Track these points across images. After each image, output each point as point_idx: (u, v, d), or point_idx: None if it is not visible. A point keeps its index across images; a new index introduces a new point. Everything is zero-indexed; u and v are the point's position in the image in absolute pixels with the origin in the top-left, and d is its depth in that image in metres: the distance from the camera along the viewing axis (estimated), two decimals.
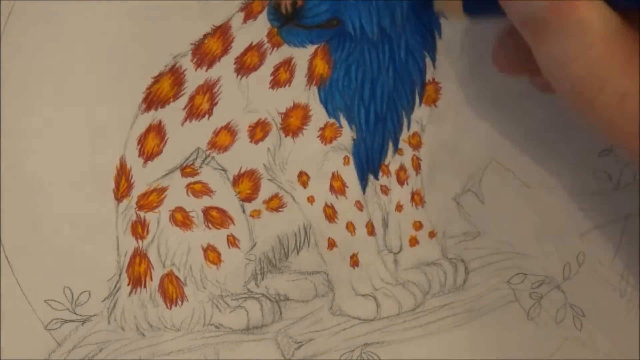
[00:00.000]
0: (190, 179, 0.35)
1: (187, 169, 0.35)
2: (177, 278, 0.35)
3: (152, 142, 0.34)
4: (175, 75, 0.34)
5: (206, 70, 0.34)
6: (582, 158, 0.37)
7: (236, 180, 0.35)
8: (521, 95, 0.36)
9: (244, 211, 0.35)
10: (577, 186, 0.37)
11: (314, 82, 0.34)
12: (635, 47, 0.29)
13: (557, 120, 0.36)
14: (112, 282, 0.35)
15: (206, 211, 0.35)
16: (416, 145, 0.36)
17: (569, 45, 0.29)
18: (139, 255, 0.35)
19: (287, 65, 0.34)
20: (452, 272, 0.37)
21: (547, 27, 0.29)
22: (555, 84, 0.30)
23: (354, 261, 0.36)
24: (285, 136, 0.35)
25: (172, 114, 0.34)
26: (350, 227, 0.36)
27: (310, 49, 0.34)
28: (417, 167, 0.36)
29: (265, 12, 0.34)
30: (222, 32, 0.34)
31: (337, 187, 0.36)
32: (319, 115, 0.35)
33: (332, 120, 0.35)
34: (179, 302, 0.35)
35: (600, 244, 0.38)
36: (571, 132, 0.36)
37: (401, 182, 0.36)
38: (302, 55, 0.34)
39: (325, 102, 0.35)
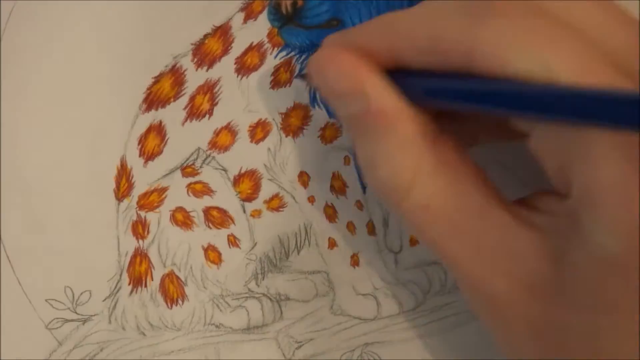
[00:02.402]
0: (190, 179, 0.35)
1: (187, 169, 0.35)
2: (177, 278, 0.35)
3: (152, 142, 0.34)
4: (175, 75, 0.34)
5: (207, 70, 0.34)
6: None
7: (237, 180, 0.35)
8: None
9: (244, 211, 0.35)
10: None
11: None
12: (446, 155, 0.28)
13: None
14: (113, 282, 0.35)
15: (207, 211, 0.35)
16: None
17: (376, 149, 0.29)
18: (140, 255, 0.35)
19: (288, 65, 0.34)
20: None
21: (359, 129, 0.29)
22: (369, 184, 0.30)
23: (355, 261, 0.36)
24: (286, 136, 0.35)
25: (172, 114, 0.34)
26: (350, 226, 0.36)
27: (311, 49, 0.34)
28: None
29: (265, 12, 0.34)
30: (223, 32, 0.34)
31: (338, 187, 0.36)
32: (319, 115, 0.35)
33: (332, 121, 0.35)
34: (180, 302, 0.35)
35: None
36: None
37: None
38: (302, 55, 0.34)
39: (325, 102, 0.35)
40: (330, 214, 0.36)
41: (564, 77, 0.24)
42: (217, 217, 0.35)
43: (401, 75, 0.29)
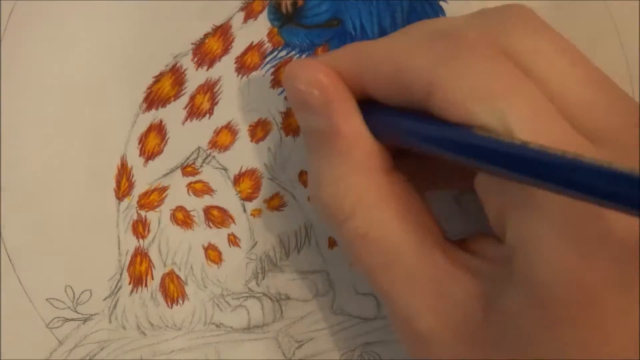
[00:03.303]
0: (191, 178, 0.35)
1: (188, 168, 0.35)
2: (178, 277, 0.35)
3: (153, 141, 0.34)
4: (176, 74, 0.34)
5: (207, 69, 0.34)
6: None
7: (237, 180, 0.35)
8: None
9: (244, 210, 0.35)
10: None
11: None
12: (395, 189, 0.29)
13: None
14: (113, 281, 0.35)
15: (207, 210, 0.35)
16: None
17: (327, 168, 0.29)
18: (140, 255, 0.35)
19: None
20: None
21: (316, 143, 0.29)
22: (311, 200, 0.30)
23: None
24: (286, 136, 0.35)
25: (173, 113, 0.34)
26: None
27: (311, 49, 0.34)
28: None
29: (265, 12, 0.34)
30: (223, 31, 0.34)
31: None
32: None
33: None
34: (180, 301, 0.35)
35: None
36: None
37: None
38: (302, 55, 0.34)
39: None
40: None
41: (517, 129, 0.24)
42: (217, 217, 0.35)
43: (367, 107, 0.29)
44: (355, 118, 0.29)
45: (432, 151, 0.27)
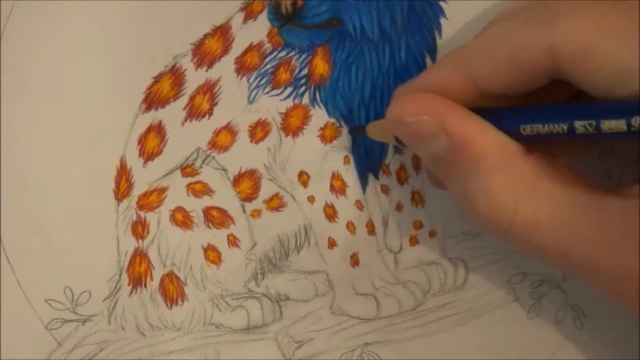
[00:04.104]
0: (190, 179, 0.35)
1: (187, 169, 0.35)
2: (177, 278, 0.35)
3: (152, 142, 0.34)
4: (175, 75, 0.34)
5: (206, 70, 0.34)
6: (581, 157, 0.37)
7: (236, 180, 0.35)
8: None
9: (244, 211, 0.35)
10: None
11: (314, 82, 0.34)
12: (539, 168, 0.28)
13: None
14: (113, 282, 0.35)
15: (206, 211, 0.35)
16: None
17: (470, 182, 0.28)
18: (139, 255, 0.35)
19: (288, 65, 0.34)
20: (452, 271, 0.37)
21: (448, 165, 0.29)
22: (469, 220, 0.30)
23: (354, 260, 0.36)
24: (286, 136, 0.35)
25: (172, 114, 0.34)
26: (350, 226, 0.36)
27: (311, 49, 0.34)
28: (418, 167, 0.36)
29: (265, 12, 0.34)
30: (222, 32, 0.34)
31: (338, 186, 0.36)
32: (319, 115, 0.35)
33: (332, 120, 0.35)
34: (180, 302, 0.35)
35: None
36: None
37: (401, 181, 0.36)
38: (302, 55, 0.34)
39: (325, 102, 0.35)
40: (330, 213, 0.36)
41: None
42: (216, 217, 0.35)
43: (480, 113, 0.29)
44: (473, 120, 0.28)
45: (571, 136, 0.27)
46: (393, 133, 0.31)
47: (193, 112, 0.34)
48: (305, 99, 0.35)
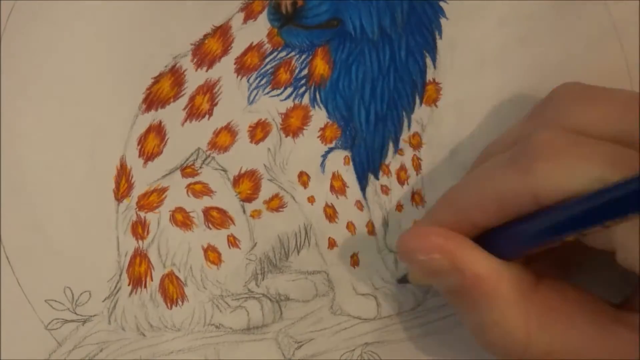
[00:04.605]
0: (190, 179, 0.35)
1: (187, 169, 0.35)
2: (177, 278, 0.35)
3: (152, 142, 0.34)
4: (175, 75, 0.34)
5: (206, 70, 0.34)
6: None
7: (236, 181, 0.35)
8: (521, 96, 0.36)
9: (244, 211, 0.35)
10: None
11: (314, 82, 0.34)
12: (550, 297, 0.30)
13: None
14: (113, 283, 0.35)
15: (206, 211, 0.35)
16: (416, 145, 0.36)
17: (483, 315, 0.30)
18: (139, 256, 0.35)
19: (288, 65, 0.34)
20: None
21: (462, 299, 0.30)
22: (483, 347, 0.31)
23: (355, 261, 0.36)
24: (286, 136, 0.35)
25: (172, 114, 0.34)
26: (350, 226, 0.36)
27: (311, 49, 0.34)
28: (418, 167, 0.36)
29: (265, 13, 0.34)
30: (222, 32, 0.34)
31: (338, 187, 0.36)
32: (319, 116, 0.35)
33: (332, 121, 0.35)
34: (180, 302, 0.35)
35: None
36: None
37: (401, 182, 0.36)
38: (302, 55, 0.34)
39: (325, 102, 0.35)
40: (330, 214, 0.36)
41: (608, 176, 0.26)
42: (217, 218, 0.35)
43: (485, 238, 0.30)
44: (483, 260, 0.30)
45: (558, 237, 0.28)
46: (404, 263, 0.33)
47: (193, 113, 0.34)
48: (306, 100, 0.35)
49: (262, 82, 0.34)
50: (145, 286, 0.35)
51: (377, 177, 0.36)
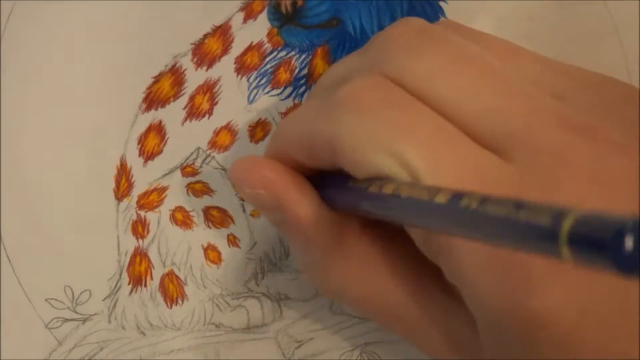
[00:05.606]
0: (190, 179, 0.35)
1: (187, 169, 0.35)
2: (177, 277, 0.35)
3: (152, 141, 0.34)
4: (175, 75, 0.34)
5: (206, 70, 0.34)
6: None
7: None
8: None
9: (244, 210, 0.35)
10: None
11: (314, 82, 0.34)
12: (370, 249, 0.29)
13: None
14: (113, 282, 0.35)
15: (206, 211, 0.35)
16: None
17: (301, 256, 0.30)
18: (140, 255, 0.35)
19: (287, 65, 0.34)
20: None
21: (286, 235, 0.31)
22: (306, 279, 0.32)
23: None
24: None
25: (172, 113, 0.34)
26: None
27: (311, 49, 0.34)
28: None
29: (265, 12, 0.34)
30: (222, 32, 0.34)
31: None
32: None
33: None
34: (180, 301, 0.35)
35: None
36: None
37: None
38: (302, 55, 0.34)
39: None
40: None
41: (420, 169, 0.24)
42: (216, 217, 0.35)
43: (326, 179, 0.29)
44: (306, 199, 0.28)
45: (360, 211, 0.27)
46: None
47: (193, 112, 0.34)
48: (305, 100, 0.35)
49: (262, 81, 0.34)
50: (145, 285, 0.35)
51: None
